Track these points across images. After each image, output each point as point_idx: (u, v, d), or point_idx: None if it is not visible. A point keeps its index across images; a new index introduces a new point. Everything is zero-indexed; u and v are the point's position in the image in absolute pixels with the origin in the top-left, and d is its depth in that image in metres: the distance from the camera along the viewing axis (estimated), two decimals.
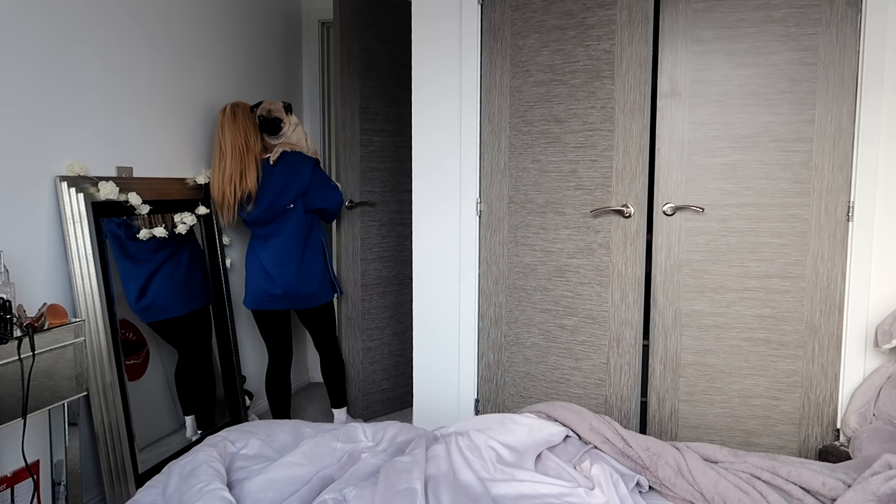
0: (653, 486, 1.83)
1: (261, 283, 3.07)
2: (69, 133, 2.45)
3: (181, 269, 2.91)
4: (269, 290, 3.06)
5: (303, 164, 3.08)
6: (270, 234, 3.08)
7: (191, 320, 2.96)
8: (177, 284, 2.86)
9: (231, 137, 2.98)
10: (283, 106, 3.12)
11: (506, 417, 2.02)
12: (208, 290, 3.11)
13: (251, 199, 3.00)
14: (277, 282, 3.05)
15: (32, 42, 2.28)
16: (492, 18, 2.80)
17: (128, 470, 2.48)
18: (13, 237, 2.23)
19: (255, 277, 3.10)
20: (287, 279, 3.05)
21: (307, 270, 3.10)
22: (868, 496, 1.52)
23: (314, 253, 3.14)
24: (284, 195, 3.03)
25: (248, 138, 3.01)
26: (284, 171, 3.04)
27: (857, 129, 2.42)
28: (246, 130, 3.01)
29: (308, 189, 3.08)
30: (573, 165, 2.67)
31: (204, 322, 3.07)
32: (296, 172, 3.06)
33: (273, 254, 3.06)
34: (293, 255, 3.07)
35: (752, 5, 2.49)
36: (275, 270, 3.05)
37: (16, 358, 1.92)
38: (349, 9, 3.39)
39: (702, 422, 2.64)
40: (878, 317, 2.46)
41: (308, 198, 3.10)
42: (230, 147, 2.98)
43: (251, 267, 3.13)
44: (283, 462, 1.78)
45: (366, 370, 3.58)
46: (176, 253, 2.89)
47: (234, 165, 2.96)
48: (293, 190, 3.05)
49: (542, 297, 2.78)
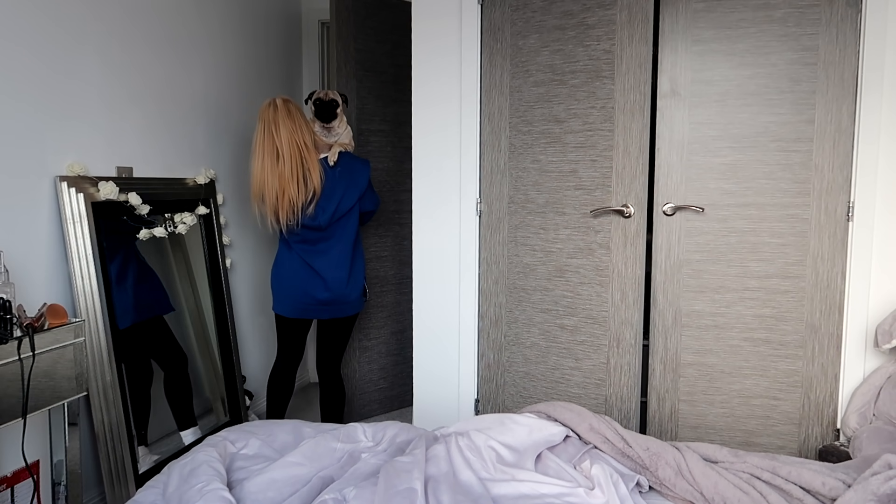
0: (653, 486, 1.83)
1: (307, 288, 2.86)
2: (69, 133, 2.45)
3: (132, 274, 2.73)
4: (317, 295, 2.86)
5: (360, 166, 2.95)
6: (325, 238, 2.86)
7: (153, 330, 2.82)
8: (132, 288, 2.70)
9: (288, 134, 2.73)
10: (340, 96, 3.02)
11: (506, 417, 2.02)
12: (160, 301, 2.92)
13: (314, 201, 2.77)
14: (331, 287, 2.87)
15: (32, 42, 2.28)
16: (492, 18, 2.80)
17: (128, 470, 2.48)
18: (13, 237, 2.23)
19: (298, 283, 2.87)
20: (340, 284, 2.88)
21: (356, 275, 2.95)
22: (868, 496, 1.52)
23: (360, 257, 3.00)
24: (347, 198, 2.86)
25: (307, 136, 2.78)
26: (345, 173, 2.88)
27: (857, 129, 2.42)
28: (303, 127, 2.78)
29: (365, 192, 2.95)
30: (573, 165, 2.67)
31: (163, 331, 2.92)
32: (355, 174, 2.91)
33: (329, 258, 2.87)
34: (347, 260, 2.90)
35: (752, 5, 2.49)
36: (330, 275, 2.86)
37: (16, 358, 1.92)
38: (346, 9, 3.39)
39: (702, 422, 2.64)
40: (878, 317, 2.46)
41: (363, 201, 2.96)
42: (288, 144, 2.73)
43: (290, 272, 2.89)
44: (283, 462, 1.78)
45: (363, 369, 3.58)
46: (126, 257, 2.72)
47: (296, 165, 2.73)
48: (355, 192, 2.89)
49: (542, 297, 2.78)
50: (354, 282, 2.94)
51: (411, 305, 3.57)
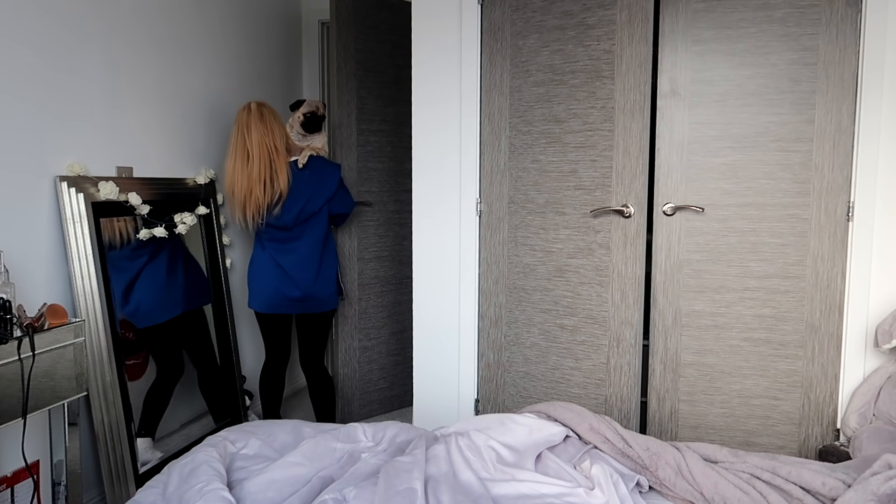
0: (653, 486, 1.83)
1: (277, 286, 2.98)
2: (69, 133, 2.45)
3: (161, 274, 2.83)
4: (287, 293, 2.98)
5: (330, 170, 3.06)
6: (292, 237, 2.99)
7: (187, 325, 2.92)
8: (158, 289, 2.79)
9: (259, 137, 2.85)
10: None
11: (506, 417, 2.02)
12: (201, 292, 3.07)
13: (280, 202, 2.90)
14: (300, 285, 2.98)
15: (33, 43, 2.28)
16: (492, 18, 2.80)
17: (128, 470, 2.48)
18: (13, 237, 2.23)
19: (268, 280, 3.00)
20: (308, 283, 2.99)
21: (325, 274, 3.06)
22: (868, 496, 1.52)
23: (330, 257, 3.10)
24: (314, 200, 2.98)
25: (276, 139, 2.89)
26: (314, 176, 2.99)
27: (857, 129, 2.42)
28: (274, 130, 2.90)
29: (334, 195, 3.05)
30: (573, 165, 2.67)
31: (200, 325, 3.05)
32: (324, 178, 3.02)
33: (296, 258, 2.99)
34: (315, 260, 3.02)
35: (752, 5, 2.49)
36: (298, 274, 2.98)
37: (16, 358, 1.92)
38: (346, 9, 3.39)
39: (702, 422, 2.64)
40: (878, 317, 2.46)
41: (333, 203, 3.06)
42: (258, 147, 2.85)
43: (262, 270, 3.03)
44: (283, 462, 1.78)
45: (363, 369, 3.58)
46: (156, 257, 2.81)
47: (264, 167, 2.85)
48: (322, 195, 3.00)
49: (542, 297, 2.78)
50: (323, 281, 3.05)
51: (411, 305, 3.57)
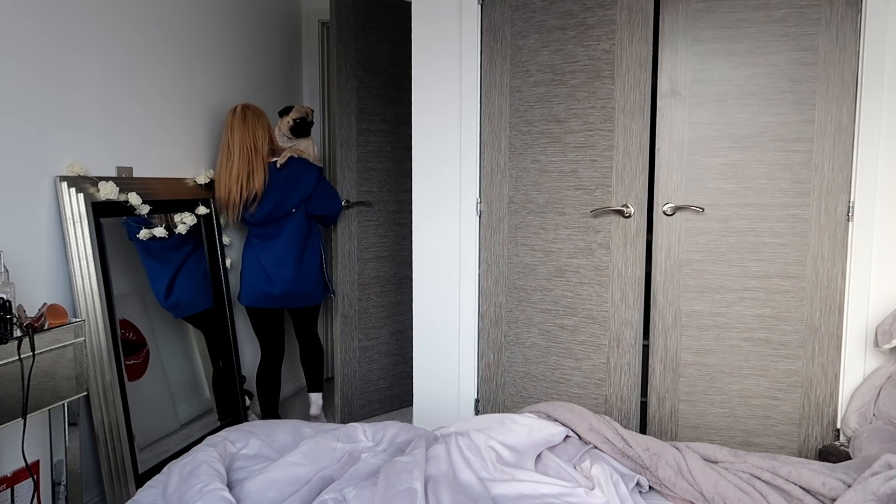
0: (653, 486, 1.83)
1: (259, 282, 3.14)
2: (69, 133, 2.44)
3: (204, 264, 3.07)
4: (268, 290, 3.13)
5: (308, 171, 3.16)
6: (270, 235, 3.14)
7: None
8: (199, 280, 3.01)
9: (240, 138, 3.02)
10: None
11: (506, 417, 2.02)
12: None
13: (256, 200, 3.04)
14: (276, 283, 3.12)
15: (33, 42, 2.28)
16: (492, 18, 2.80)
17: (128, 470, 2.47)
18: (13, 237, 2.23)
19: (253, 276, 3.16)
20: (285, 281, 3.13)
21: (304, 273, 3.17)
22: (868, 496, 1.52)
23: (311, 256, 3.22)
24: (288, 200, 3.10)
25: (257, 140, 3.04)
26: (290, 176, 3.11)
27: (857, 129, 2.42)
28: (255, 132, 3.05)
29: (311, 196, 3.16)
30: (573, 165, 2.67)
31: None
32: (301, 179, 3.13)
33: (272, 255, 3.13)
34: (292, 258, 3.14)
35: (752, 5, 2.49)
36: (273, 272, 3.12)
37: (16, 358, 1.92)
38: (346, 9, 3.39)
39: (702, 422, 2.64)
40: (878, 317, 2.46)
41: (310, 204, 3.17)
42: (238, 147, 3.01)
43: (249, 265, 3.19)
44: (283, 462, 1.78)
45: (363, 369, 3.58)
46: (197, 249, 3.03)
47: (242, 166, 3.00)
48: (297, 195, 3.11)
49: (542, 297, 2.78)
50: (304, 279, 3.18)
51: (411, 305, 3.57)
